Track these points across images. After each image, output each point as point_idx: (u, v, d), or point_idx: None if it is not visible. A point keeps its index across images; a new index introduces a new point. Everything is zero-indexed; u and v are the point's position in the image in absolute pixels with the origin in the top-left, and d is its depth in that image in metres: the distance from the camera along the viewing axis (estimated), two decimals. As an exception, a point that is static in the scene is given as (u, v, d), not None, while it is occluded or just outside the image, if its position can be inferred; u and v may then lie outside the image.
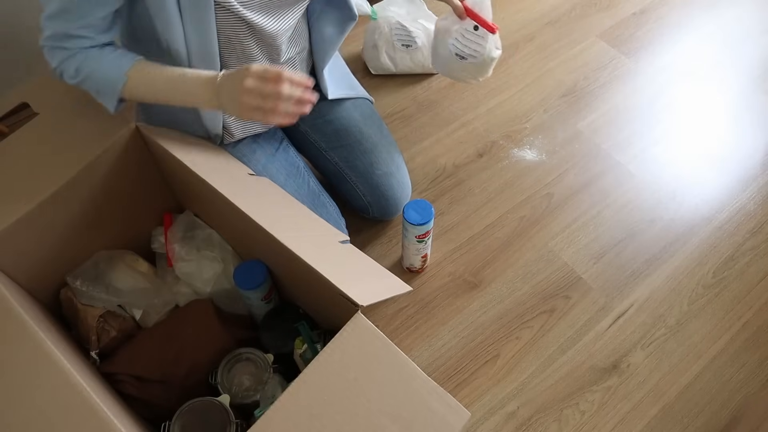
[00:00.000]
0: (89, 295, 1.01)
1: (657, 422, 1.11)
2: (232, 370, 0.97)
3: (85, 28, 0.82)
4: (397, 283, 0.94)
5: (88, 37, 0.83)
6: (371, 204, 1.26)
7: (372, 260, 1.00)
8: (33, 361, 0.74)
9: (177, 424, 0.89)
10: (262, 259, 1.02)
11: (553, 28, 1.75)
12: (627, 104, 1.57)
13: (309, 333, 0.97)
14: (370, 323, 0.77)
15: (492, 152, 1.48)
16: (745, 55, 1.67)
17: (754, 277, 1.27)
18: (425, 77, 1.63)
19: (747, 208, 1.38)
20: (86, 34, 0.83)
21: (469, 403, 1.13)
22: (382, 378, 0.74)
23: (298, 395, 0.72)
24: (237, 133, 1.09)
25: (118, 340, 1.00)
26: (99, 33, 0.84)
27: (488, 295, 1.26)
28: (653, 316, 1.23)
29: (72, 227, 0.99)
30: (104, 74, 0.86)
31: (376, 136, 1.21)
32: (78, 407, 0.71)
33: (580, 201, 1.39)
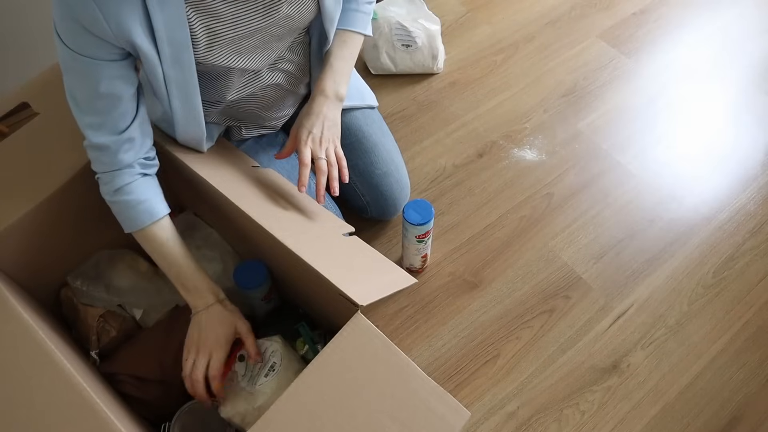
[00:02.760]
0: (89, 294, 1.01)
1: (657, 422, 1.11)
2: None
3: (121, 119, 0.84)
4: (403, 277, 0.94)
5: (126, 136, 0.85)
6: (370, 204, 1.26)
7: (377, 253, 0.99)
8: (33, 361, 0.74)
9: (177, 424, 0.89)
10: (262, 258, 1.01)
11: (553, 28, 1.75)
12: (627, 104, 1.57)
13: (309, 334, 0.97)
14: (370, 323, 0.77)
15: (492, 152, 1.48)
16: (745, 55, 1.67)
17: (754, 277, 1.27)
18: (425, 77, 1.63)
19: (747, 208, 1.38)
20: (124, 127, 0.85)
21: (469, 403, 1.13)
22: (382, 378, 0.74)
23: (298, 395, 0.72)
24: (246, 133, 1.10)
25: (118, 340, 1.00)
26: (129, 120, 0.85)
27: (488, 295, 1.26)
28: (653, 316, 1.23)
29: (72, 227, 0.99)
30: (129, 214, 0.89)
31: (376, 136, 1.21)
32: (78, 407, 0.71)
33: (580, 201, 1.39)
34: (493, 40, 1.72)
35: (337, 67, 1.00)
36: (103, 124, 0.83)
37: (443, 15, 1.75)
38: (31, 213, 0.91)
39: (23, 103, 1.02)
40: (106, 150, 0.85)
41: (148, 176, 0.90)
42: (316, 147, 0.95)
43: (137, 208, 0.88)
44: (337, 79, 1.00)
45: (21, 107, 1.02)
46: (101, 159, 0.86)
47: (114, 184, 0.87)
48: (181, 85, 0.85)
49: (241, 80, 0.96)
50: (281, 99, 1.06)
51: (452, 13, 1.79)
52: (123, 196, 0.87)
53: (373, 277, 0.91)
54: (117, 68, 0.79)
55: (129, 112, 0.84)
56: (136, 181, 0.88)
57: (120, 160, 0.86)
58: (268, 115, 1.08)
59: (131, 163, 0.87)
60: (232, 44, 0.86)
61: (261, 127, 1.11)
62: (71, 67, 0.79)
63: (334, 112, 1.00)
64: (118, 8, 0.72)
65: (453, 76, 1.64)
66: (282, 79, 1.02)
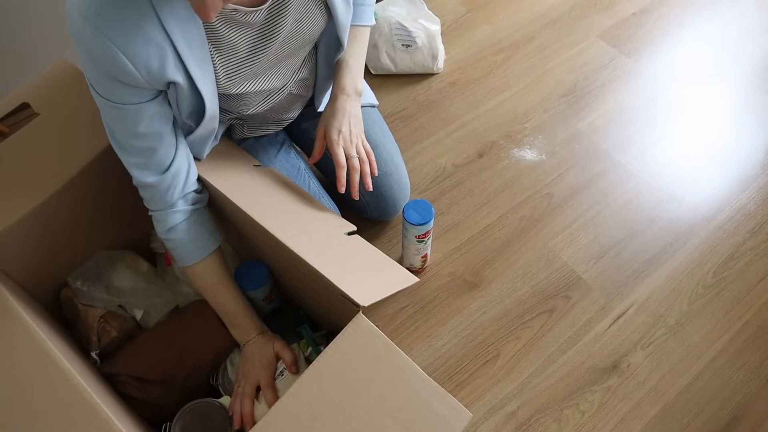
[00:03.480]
0: (90, 295, 1.01)
1: (657, 422, 1.11)
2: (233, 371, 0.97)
3: (165, 155, 0.84)
4: (404, 275, 0.94)
5: (172, 172, 0.86)
6: (370, 204, 1.26)
7: (379, 251, 0.99)
8: (33, 362, 0.74)
9: (178, 424, 0.88)
10: (263, 258, 1.01)
11: (552, 28, 1.75)
12: (627, 104, 1.57)
13: (312, 336, 0.97)
14: (371, 324, 0.77)
15: (492, 152, 1.48)
16: (745, 55, 1.67)
17: (754, 277, 1.27)
18: (425, 77, 1.63)
19: (747, 208, 1.38)
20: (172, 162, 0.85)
21: (469, 403, 1.13)
22: (384, 379, 0.74)
23: (299, 396, 0.72)
24: (247, 131, 1.10)
25: (118, 341, 1.00)
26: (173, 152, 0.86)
27: (488, 295, 1.26)
28: (653, 316, 1.23)
29: (72, 227, 0.99)
30: (179, 252, 0.92)
31: (376, 136, 1.21)
32: (78, 408, 0.71)
33: (580, 201, 1.39)
34: (493, 40, 1.72)
35: (352, 64, 1.02)
36: (147, 164, 0.84)
37: (443, 15, 1.75)
38: (32, 213, 0.91)
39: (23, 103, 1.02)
40: (154, 188, 0.86)
41: (197, 211, 0.92)
42: (348, 145, 0.97)
43: (189, 246, 0.91)
44: (354, 75, 1.02)
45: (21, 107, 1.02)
46: (152, 198, 0.88)
47: (167, 223, 0.89)
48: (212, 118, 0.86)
49: (259, 98, 0.96)
50: (290, 103, 1.07)
51: (452, 13, 1.79)
52: (175, 236, 0.90)
53: (374, 277, 0.91)
54: (153, 107, 0.79)
55: (171, 148, 0.84)
56: (188, 219, 0.90)
57: (169, 198, 0.87)
58: (275, 117, 1.08)
59: (180, 200, 0.88)
60: (250, 73, 0.87)
61: (265, 127, 1.11)
62: (108, 113, 0.79)
63: (356, 107, 1.02)
64: (146, 52, 0.70)
65: (453, 76, 1.64)
66: (295, 87, 1.02)
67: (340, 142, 0.97)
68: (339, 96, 1.00)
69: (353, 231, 0.99)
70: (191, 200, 0.90)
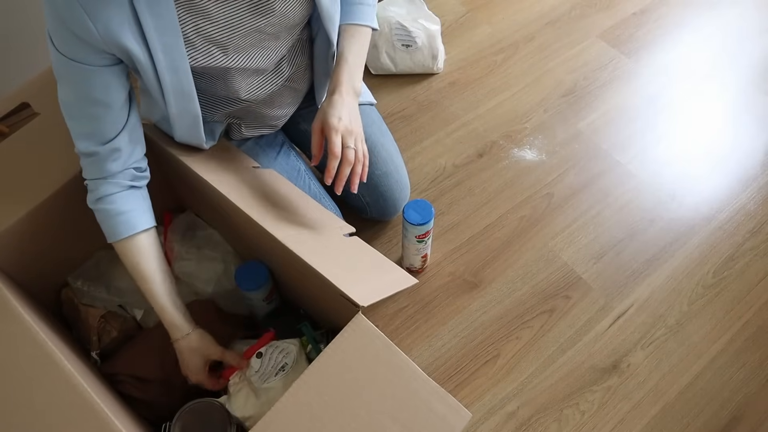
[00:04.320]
0: (90, 295, 1.01)
1: (657, 422, 1.11)
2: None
3: (109, 128, 0.84)
4: (404, 277, 0.94)
5: (112, 146, 0.84)
6: (370, 204, 1.26)
7: (378, 253, 0.99)
8: (34, 362, 0.74)
9: (177, 424, 0.89)
10: (263, 259, 1.01)
11: (552, 28, 1.75)
12: (627, 104, 1.57)
13: (312, 333, 0.97)
14: (371, 324, 0.77)
15: (492, 152, 1.48)
16: (745, 55, 1.67)
17: (754, 277, 1.27)
18: (425, 77, 1.63)
19: (747, 208, 1.38)
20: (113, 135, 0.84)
21: (469, 403, 1.13)
22: (383, 379, 0.74)
23: (298, 396, 0.72)
24: (246, 132, 1.10)
25: (118, 341, 1.00)
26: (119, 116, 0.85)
27: (488, 295, 1.26)
28: (653, 316, 1.23)
29: (72, 227, 0.99)
30: (108, 224, 0.89)
31: (375, 136, 1.21)
32: (79, 407, 0.71)
33: (580, 201, 1.39)
34: (493, 40, 1.72)
35: (351, 61, 0.99)
36: (91, 133, 0.83)
37: (443, 15, 1.75)
38: (32, 213, 0.91)
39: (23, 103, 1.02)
40: (94, 157, 0.85)
41: (135, 188, 0.90)
42: (347, 135, 0.91)
43: (116, 218, 0.87)
44: (353, 73, 0.99)
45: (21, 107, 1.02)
46: (89, 166, 0.86)
47: (98, 192, 0.87)
48: (177, 92, 0.85)
49: (247, 80, 0.95)
50: (284, 97, 1.06)
51: (452, 13, 1.79)
52: (104, 205, 0.87)
53: (373, 278, 0.91)
54: (107, 74, 0.79)
55: (118, 121, 0.84)
56: (120, 192, 0.88)
57: (106, 168, 0.86)
58: (270, 113, 1.07)
59: (117, 173, 0.87)
60: (227, 44, 0.85)
61: (261, 126, 1.11)
62: (63, 73, 0.79)
63: (354, 104, 0.98)
64: (106, 12, 0.72)
65: (453, 76, 1.64)
66: (286, 76, 1.01)
67: (339, 128, 0.90)
68: (336, 91, 0.96)
69: (353, 233, 0.99)
70: (129, 176, 0.88)
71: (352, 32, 1.02)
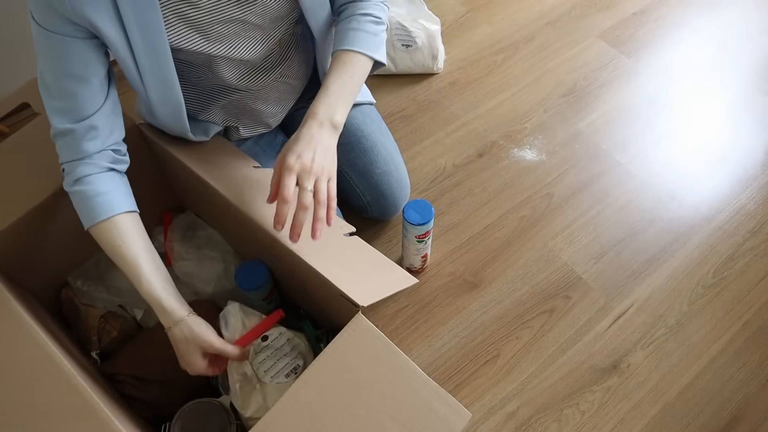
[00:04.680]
0: (90, 295, 1.01)
1: (657, 422, 1.11)
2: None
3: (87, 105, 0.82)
4: (404, 277, 0.94)
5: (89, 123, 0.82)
6: (370, 203, 1.26)
7: (378, 253, 0.98)
8: (34, 362, 0.74)
9: (177, 424, 0.89)
10: (263, 259, 1.01)
11: (553, 28, 1.75)
12: (627, 104, 1.57)
13: (313, 332, 0.97)
14: (371, 324, 0.77)
15: (492, 152, 1.48)
16: (745, 55, 1.67)
17: (754, 277, 1.27)
18: (425, 77, 1.63)
19: (747, 208, 1.38)
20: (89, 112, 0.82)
21: (469, 403, 1.13)
22: (383, 379, 0.74)
23: (298, 396, 0.72)
24: (243, 132, 1.09)
25: (118, 341, 1.00)
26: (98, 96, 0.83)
27: (488, 295, 1.26)
28: (653, 316, 1.23)
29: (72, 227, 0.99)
30: (85, 206, 0.84)
31: (375, 135, 1.21)
32: (79, 407, 0.71)
33: (580, 201, 1.39)
34: (493, 40, 1.72)
35: (333, 90, 0.89)
36: (68, 110, 0.81)
37: (443, 15, 1.75)
38: (32, 213, 0.91)
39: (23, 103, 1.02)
40: (70, 136, 0.82)
41: (115, 171, 0.87)
42: (304, 175, 0.81)
43: (94, 200, 0.83)
44: (333, 103, 0.88)
45: (21, 107, 1.02)
46: (66, 147, 0.83)
47: (75, 173, 0.83)
48: (157, 76, 0.83)
49: (234, 70, 0.94)
50: (276, 91, 1.05)
51: (452, 13, 1.79)
52: (81, 186, 0.83)
53: (373, 278, 0.91)
54: (84, 48, 0.77)
55: (96, 98, 0.82)
56: (99, 173, 0.84)
57: (84, 148, 0.83)
58: (265, 109, 1.06)
59: (96, 153, 0.84)
60: (209, 31, 0.84)
61: (258, 124, 1.10)
62: (42, 46, 0.78)
63: (328, 139, 0.87)
64: None
65: (453, 76, 1.64)
66: (278, 71, 1.00)
67: (294, 168, 0.80)
68: (308, 121, 0.86)
69: (353, 232, 0.99)
70: (108, 158, 0.85)
71: (343, 59, 0.93)
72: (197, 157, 0.98)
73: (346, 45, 0.92)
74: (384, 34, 0.97)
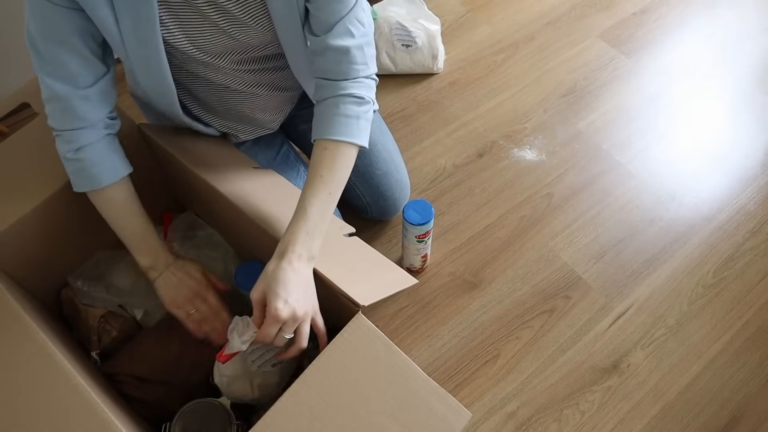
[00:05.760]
0: (90, 295, 1.01)
1: (657, 422, 1.11)
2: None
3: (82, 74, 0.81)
4: (404, 277, 0.94)
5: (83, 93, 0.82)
6: (370, 204, 1.26)
7: (378, 253, 0.99)
8: (34, 362, 0.74)
9: (178, 424, 0.88)
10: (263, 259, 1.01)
11: (553, 28, 1.75)
12: (627, 104, 1.57)
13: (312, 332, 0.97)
14: (371, 324, 0.77)
15: (492, 152, 1.48)
16: (745, 55, 1.67)
17: (754, 277, 1.27)
18: (425, 77, 1.63)
19: (747, 208, 1.38)
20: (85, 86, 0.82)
21: (469, 403, 1.13)
22: (383, 379, 0.74)
23: (298, 395, 0.72)
24: (242, 136, 1.09)
25: (119, 341, 1.00)
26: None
27: (488, 295, 1.26)
28: (653, 316, 1.23)
29: (72, 227, 0.99)
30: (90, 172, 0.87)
31: (375, 136, 1.21)
32: (79, 407, 0.71)
33: (580, 201, 1.39)
34: (493, 40, 1.72)
35: (312, 216, 0.80)
36: (62, 77, 0.80)
37: (443, 15, 1.75)
38: (32, 213, 0.91)
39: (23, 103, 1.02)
40: (65, 103, 0.81)
41: (111, 136, 0.89)
42: (290, 323, 0.76)
43: (94, 168, 0.86)
44: (311, 231, 0.80)
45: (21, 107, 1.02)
46: (60, 113, 0.83)
47: (77, 142, 0.84)
48: (146, 65, 0.83)
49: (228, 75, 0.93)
50: (272, 100, 1.04)
51: (452, 13, 1.79)
52: (84, 154, 0.85)
53: (373, 278, 0.91)
54: (77, 17, 0.76)
55: (92, 71, 0.82)
56: (101, 141, 0.86)
57: (82, 116, 0.83)
58: (262, 117, 1.06)
59: (97, 121, 0.85)
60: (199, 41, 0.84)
61: (257, 128, 1.10)
62: (35, 7, 0.76)
63: (308, 275, 0.80)
64: None
65: (453, 76, 1.64)
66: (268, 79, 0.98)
67: (281, 318, 0.74)
68: (285, 256, 0.78)
69: (352, 233, 0.99)
70: (104, 124, 0.87)
71: (321, 158, 0.83)
72: (197, 158, 0.98)
73: (326, 134, 0.84)
74: (369, 114, 0.88)
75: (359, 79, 0.86)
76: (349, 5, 0.81)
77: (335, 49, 0.82)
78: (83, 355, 0.95)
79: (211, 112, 1.02)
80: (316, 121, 0.87)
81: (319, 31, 0.83)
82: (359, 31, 0.84)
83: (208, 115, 1.02)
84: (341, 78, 0.85)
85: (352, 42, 0.83)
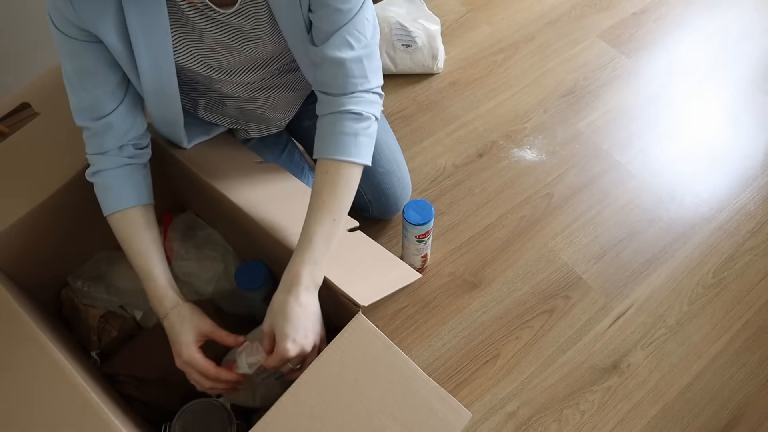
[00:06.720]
0: (90, 295, 1.01)
1: (657, 422, 1.11)
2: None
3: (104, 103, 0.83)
4: (407, 272, 0.94)
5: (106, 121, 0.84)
6: (372, 202, 1.26)
7: (381, 247, 0.96)
8: (34, 362, 0.74)
9: (178, 424, 0.88)
10: (263, 258, 1.01)
11: (553, 28, 1.75)
12: (627, 104, 1.57)
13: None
14: (371, 324, 0.77)
15: (492, 152, 1.48)
16: (745, 55, 1.67)
17: (754, 277, 1.27)
18: (425, 77, 1.63)
19: (747, 208, 1.38)
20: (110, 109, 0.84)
21: (469, 403, 1.13)
22: (383, 379, 0.74)
23: (298, 396, 0.72)
24: (252, 133, 1.09)
25: (118, 341, 1.00)
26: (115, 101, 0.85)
27: (488, 295, 1.26)
28: (653, 316, 1.23)
29: (72, 227, 0.99)
30: (101, 196, 0.88)
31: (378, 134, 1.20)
32: (79, 408, 0.71)
33: (580, 201, 1.39)
34: (493, 40, 1.72)
35: (317, 245, 0.79)
36: (87, 107, 0.84)
37: (443, 15, 1.75)
38: (32, 213, 0.91)
39: (23, 103, 1.02)
40: (91, 131, 0.85)
41: (134, 165, 0.89)
42: (298, 357, 0.77)
43: (107, 193, 0.88)
44: (318, 260, 0.80)
45: (21, 107, 1.02)
46: (89, 140, 0.87)
47: (96, 166, 0.87)
48: (159, 93, 0.84)
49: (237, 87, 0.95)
50: (282, 100, 1.05)
51: (452, 13, 1.79)
52: (97, 179, 0.88)
53: (375, 275, 0.91)
54: (98, 50, 0.79)
55: (113, 98, 0.84)
56: (118, 168, 0.87)
57: (103, 144, 0.86)
58: (272, 115, 1.07)
59: (115, 148, 0.87)
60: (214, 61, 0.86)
61: (267, 127, 1.10)
62: (60, 44, 0.79)
63: (314, 304, 0.80)
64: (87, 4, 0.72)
65: (453, 76, 1.64)
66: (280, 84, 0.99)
67: (290, 353, 0.75)
68: (292, 290, 0.78)
69: (355, 227, 0.99)
70: (127, 152, 0.88)
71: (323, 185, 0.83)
72: (197, 157, 0.98)
73: (328, 153, 0.84)
74: (371, 129, 0.88)
75: (357, 94, 0.85)
76: (350, 15, 0.80)
77: (331, 60, 0.81)
78: (83, 355, 0.95)
79: (221, 114, 1.02)
80: (317, 138, 0.86)
81: (318, 41, 0.82)
82: (360, 43, 0.82)
83: (218, 117, 1.03)
84: (339, 93, 0.84)
85: (350, 54, 0.81)
